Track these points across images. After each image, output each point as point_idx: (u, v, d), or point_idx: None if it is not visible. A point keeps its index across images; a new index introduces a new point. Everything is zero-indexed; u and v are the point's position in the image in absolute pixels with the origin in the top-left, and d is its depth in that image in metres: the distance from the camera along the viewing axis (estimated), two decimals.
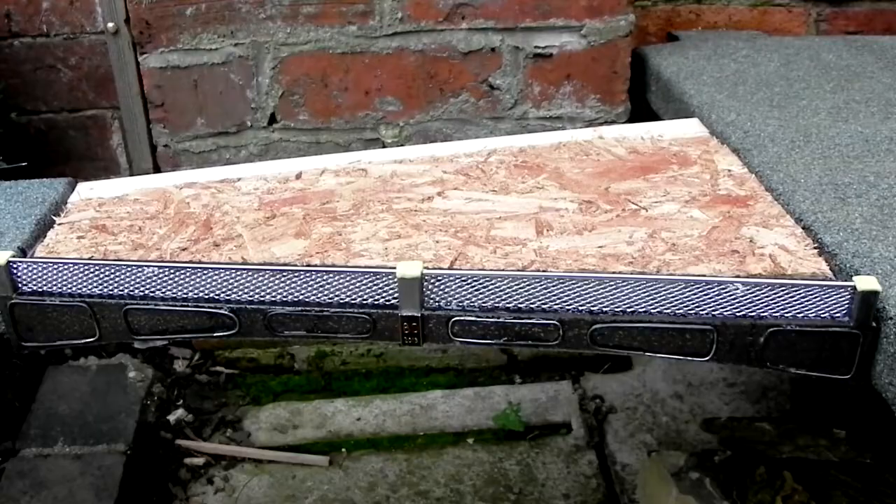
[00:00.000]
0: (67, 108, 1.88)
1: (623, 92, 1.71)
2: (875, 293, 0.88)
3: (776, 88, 1.53)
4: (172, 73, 1.64)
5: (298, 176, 1.28)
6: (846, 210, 1.08)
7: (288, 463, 1.81)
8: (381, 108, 1.70)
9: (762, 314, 0.91)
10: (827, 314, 0.91)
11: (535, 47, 1.66)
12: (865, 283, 0.89)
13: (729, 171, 1.24)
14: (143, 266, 0.98)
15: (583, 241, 1.06)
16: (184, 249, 1.08)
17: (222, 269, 0.97)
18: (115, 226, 1.15)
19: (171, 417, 1.85)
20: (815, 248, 1.02)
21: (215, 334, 0.99)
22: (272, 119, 1.70)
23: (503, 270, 0.97)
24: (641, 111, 1.73)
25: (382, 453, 1.84)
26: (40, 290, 1.00)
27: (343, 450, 1.84)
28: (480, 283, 0.94)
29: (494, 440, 1.87)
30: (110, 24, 1.61)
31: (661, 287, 0.92)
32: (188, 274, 0.97)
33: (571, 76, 1.69)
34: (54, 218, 1.17)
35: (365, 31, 1.63)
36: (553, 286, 0.93)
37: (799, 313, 0.91)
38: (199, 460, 1.79)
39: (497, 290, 0.94)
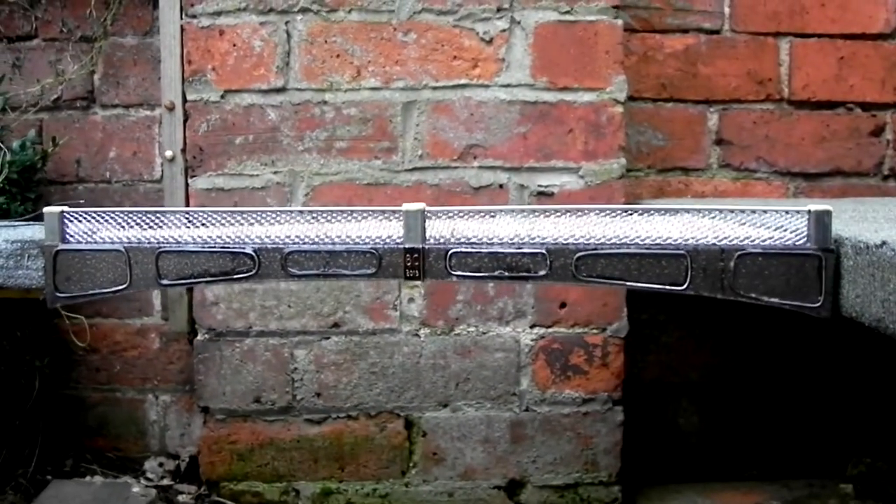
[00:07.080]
0: None
1: None
2: (828, 213, 0.99)
3: None
4: (216, 195, 1.85)
5: None
6: None
7: None
8: None
9: (731, 240, 1.01)
10: (790, 240, 1.00)
11: (539, 185, 1.87)
12: (818, 206, 0.99)
13: None
14: (175, 211, 1.11)
15: None
16: None
17: (245, 211, 1.10)
18: None
19: None
20: None
21: (235, 276, 1.09)
22: None
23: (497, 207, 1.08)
24: None
25: None
26: (84, 239, 1.12)
27: None
28: (477, 218, 1.06)
29: None
30: (168, 153, 1.86)
31: (637, 217, 1.03)
32: (216, 216, 1.10)
33: None
34: None
35: (389, 166, 1.86)
36: (540, 218, 1.04)
37: (764, 240, 1.01)
38: None
39: (491, 223, 1.05)
